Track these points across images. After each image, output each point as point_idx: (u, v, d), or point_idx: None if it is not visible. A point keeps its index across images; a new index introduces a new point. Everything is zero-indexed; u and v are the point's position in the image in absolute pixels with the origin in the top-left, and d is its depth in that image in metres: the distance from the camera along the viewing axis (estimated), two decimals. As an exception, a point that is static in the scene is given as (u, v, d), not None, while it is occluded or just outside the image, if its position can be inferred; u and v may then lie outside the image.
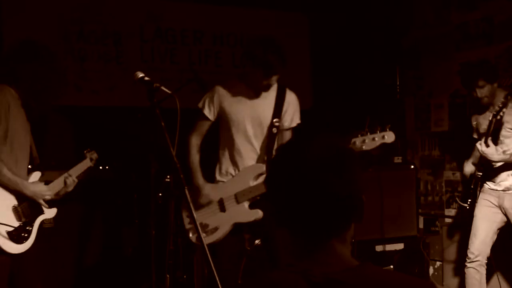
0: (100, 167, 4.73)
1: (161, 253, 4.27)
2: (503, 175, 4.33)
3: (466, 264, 4.47)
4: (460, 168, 5.41)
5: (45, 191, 3.30)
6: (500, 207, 4.38)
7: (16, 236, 3.11)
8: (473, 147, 4.48)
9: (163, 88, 2.83)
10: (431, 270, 5.56)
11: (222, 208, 3.74)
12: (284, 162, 1.39)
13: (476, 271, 4.42)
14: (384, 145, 3.39)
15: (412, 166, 5.42)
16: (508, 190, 4.34)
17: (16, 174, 3.14)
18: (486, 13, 5.14)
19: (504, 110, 4.15)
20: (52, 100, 3.34)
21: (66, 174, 3.45)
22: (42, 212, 3.34)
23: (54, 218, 3.43)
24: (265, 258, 3.84)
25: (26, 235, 3.19)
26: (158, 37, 5.53)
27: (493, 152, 4.20)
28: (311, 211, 1.34)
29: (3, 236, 3.04)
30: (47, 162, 4.37)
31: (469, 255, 4.45)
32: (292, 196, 1.35)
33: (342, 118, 5.26)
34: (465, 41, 5.34)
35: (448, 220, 5.53)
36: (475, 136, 4.57)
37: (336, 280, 1.29)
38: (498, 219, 4.41)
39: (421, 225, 5.57)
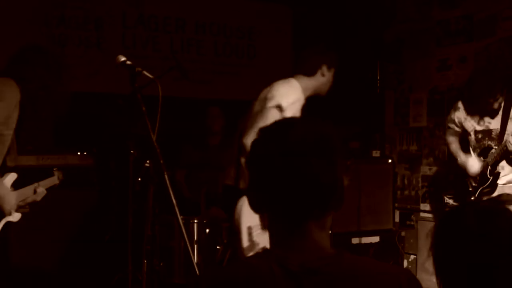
0: (79, 153, 4.73)
1: (138, 240, 4.26)
2: (507, 169, 4.27)
3: None
4: (437, 164, 5.48)
5: (7, 196, 3.03)
6: None
7: None
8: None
9: (145, 72, 2.82)
10: (405, 263, 5.62)
11: None
12: (267, 144, 1.38)
13: None
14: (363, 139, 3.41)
15: (390, 160, 5.45)
16: (509, 183, 4.30)
17: None
18: (466, 11, 5.19)
19: None
20: (53, 112, 3.21)
21: (36, 184, 3.31)
22: (4, 215, 3.10)
23: (29, 203, 3.38)
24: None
25: None
26: (140, 23, 5.50)
27: None
28: (292, 193, 1.33)
29: None
30: (24, 146, 4.34)
31: None
32: (274, 178, 1.34)
33: (322, 110, 5.28)
34: (445, 38, 5.39)
35: (424, 214, 5.59)
36: (456, 128, 4.52)
37: (312, 270, 1.30)
38: None
39: (397, 219, 5.62)
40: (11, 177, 3.13)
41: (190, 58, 5.61)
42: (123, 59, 2.87)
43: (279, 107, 3.40)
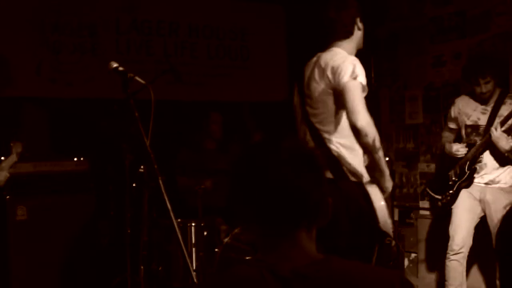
0: (75, 159, 4.73)
1: (137, 245, 4.27)
2: (489, 168, 4.33)
3: (449, 256, 4.41)
4: (435, 160, 5.48)
5: None
6: (481, 201, 4.38)
7: None
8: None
9: (137, 78, 2.83)
10: (406, 262, 5.62)
11: None
12: (258, 158, 1.41)
13: (459, 264, 4.37)
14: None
15: (387, 158, 5.43)
16: (490, 184, 4.34)
17: None
18: (459, 7, 5.19)
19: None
20: None
21: None
22: None
23: (27, 210, 3.40)
24: (242, 249, 3.86)
25: None
26: (134, 28, 5.50)
27: (504, 141, 4.13)
28: (282, 205, 1.36)
29: None
30: (21, 153, 4.35)
31: (453, 247, 4.38)
32: (263, 190, 1.37)
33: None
34: (438, 34, 5.39)
35: (423, 212, 5.59)
36: (452, 126, 4.58)
37: (303, 275, 1.31)
38: (477, 212, 4.39)
39: (396, 217, 5.62)
40: None
41: (183, 61, 5.60)
42: (115, 65, 2.88)
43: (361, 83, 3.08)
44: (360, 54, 3.18)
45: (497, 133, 4.13)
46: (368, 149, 3.07)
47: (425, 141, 5.59)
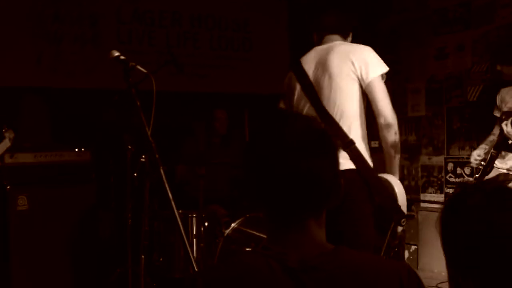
0: (76, 149, 4.72)
1: (138, 236, 4.26)
2: (510, 154, 4.25)
3: None
4: (436, 153, 5.47)
5: None
6: None
7: None
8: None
9: (138, 67, 2.80)
10: (406, 254, 5.62)
11: None
12: (266, 140, 1.37)
13: None
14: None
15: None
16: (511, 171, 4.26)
17: None
18: (463, -1, 5.18)
19: None
20: None
21: None
22: None
23: (28, 200, 3.38)
24: (243, 241, 3.85)
25: None
26: (136, 19, 5.48)
27: None
28: (291, 190, 1.32)
29: None
30: (22, 144, 4.34)
31: None
32: (273, 175, 1.33)
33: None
34: (442, 26, 5.37)
35: (424, 204, 5.58)
36: (497, 114, 4.52)
37: (312, 266, 1.29)
38: None
39: (397, 209, 5.61)
40: None
41: (186, 52, 5.59)
42: (116, 54, 2.86)
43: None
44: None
45: (508, 128, 4.10)
46: (390, 148, 3.08)
47: (427, 133, 5.58)
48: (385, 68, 3.02)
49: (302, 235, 1.35)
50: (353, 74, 3.01)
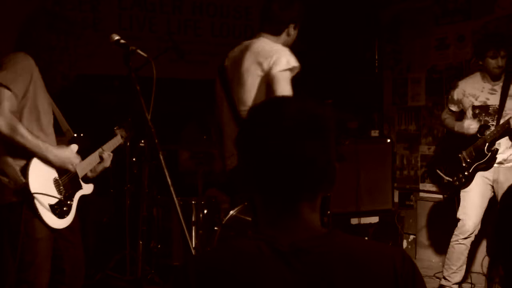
0: (75, 135, 4.70)
1: (136, 222, 4.26)
2: (503, 147, 4.25)
3: (458, 240, 4.33)
4: (436, 143, 5.46)
5: (72, 157, 3.07)
6: (494, 181, 4.29)
7: (58, 210, 2.91)
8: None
9: (139, 51, 2.78)
10: (404, 244, 5.64)
11: None
12: (260, 124, 1.36)
13: (466, 247, 4.32)
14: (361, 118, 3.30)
15: (389, 140, 5.42)
16: (503, 164, 4.28)
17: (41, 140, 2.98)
18: (464, -11, 5.16)
19: None
20: (67, 72, 3.24)
21: (100, 150, 3.32)
22: (80, 187, 3.17)
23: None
24: (241, 228, 3.85)
25: (67, 209, 2.99)
26: (136, 4, 5.46)
27: None
28: (285, 174, 1.32)
29: (46, 209, 2.85)
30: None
31: (465, 232, 4.29)
32: (266, 159, 1.33)
33: (320, 91, 5.26)
34: (443, 16, 5.35)
35: (423, 194, 5.58)
36: (453, 108, 4.50)
37: (303, 249, 1.28)
38: (488, 196, 4.32)
39: (396, 199, 5.62)
40: (74, 147, 3.17)
41: (187, 39, 5.57)
42: (117, 37, 2.84)
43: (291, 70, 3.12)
44: (363, 36, 3.15)
45: None
46: None
47: (427, 123, 5.58)
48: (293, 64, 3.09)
49: (294, 219, 1.34)
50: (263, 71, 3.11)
